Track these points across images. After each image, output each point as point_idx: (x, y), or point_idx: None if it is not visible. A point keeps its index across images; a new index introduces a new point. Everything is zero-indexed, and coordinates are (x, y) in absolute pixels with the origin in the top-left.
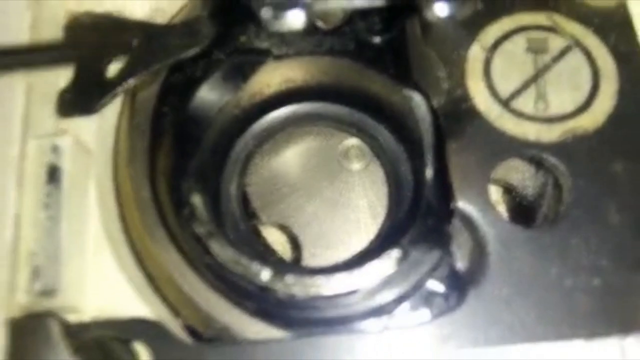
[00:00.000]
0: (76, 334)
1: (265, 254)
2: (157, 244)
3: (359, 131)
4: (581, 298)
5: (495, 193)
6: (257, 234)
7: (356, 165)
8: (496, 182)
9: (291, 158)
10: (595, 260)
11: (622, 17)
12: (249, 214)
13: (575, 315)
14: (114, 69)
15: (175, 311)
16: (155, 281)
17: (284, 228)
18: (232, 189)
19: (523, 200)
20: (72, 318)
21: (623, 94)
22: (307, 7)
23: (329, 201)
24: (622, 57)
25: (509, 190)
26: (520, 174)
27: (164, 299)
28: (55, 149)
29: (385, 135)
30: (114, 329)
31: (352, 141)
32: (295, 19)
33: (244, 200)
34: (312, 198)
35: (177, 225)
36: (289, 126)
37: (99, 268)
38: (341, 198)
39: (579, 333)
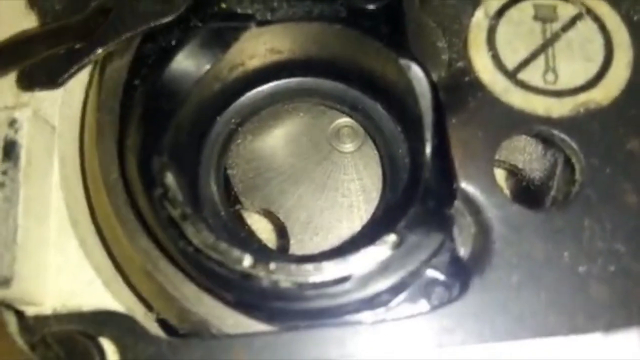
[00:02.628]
0: (34, 328)
1: (248, 242)
2: (127, 229)
3: (352, 109)
4: (597, 286)
5: (497, 176)
6: (240, 221)
7: (348, 146)
8: (500, 164)
9: (277, 138)
10: (611, 244)
11: None
12: (231, 199)
13: (591, 305)
14: None
15: (147, 304)
16: (125, 271)
17: (269, 214)
18: (212, 171)
19: (530, 184)
20: (31, 311)
21: (638, 65)
22: None
23: (318, 185)
24: (636, 26)
25: (513, 174)
26: (526, 155)
27: (135, 290)
28: (12, 123)
29: (380, 113)
30: (77, 323)
31: (345, 120)
32: None
33: (226, 184)
34: (299, 181)
35: (148, 208)
36: (275, 103)
37: (62, 256)
38: (331, 181)
39: (595, 325)
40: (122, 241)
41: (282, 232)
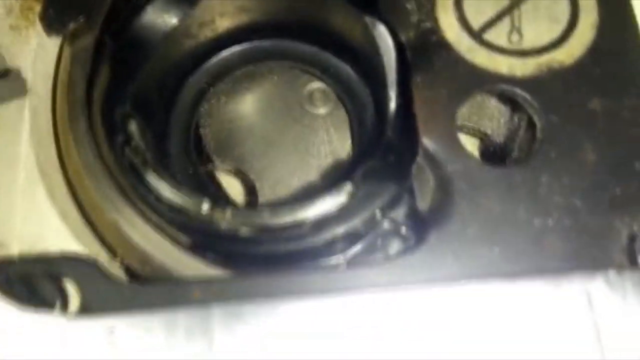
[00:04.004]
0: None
1: (215, 196)
2: (92, 177)
3: (324, 72)
4: (551, 238)
5: (471, 146)
6: (212, 180)
7: (320, 110)
8: (471, 132)
9: (250, 100)
10: (568, 199)
11: None
12: (203, 158)
13: (543, 255)
14: None
15: (112, 250)
16: (91, 218)
17: (240, 173)
18: (182, 128)
19: (496, 148)
20: None
21: (603, 27)
22: None
23: (290, 146)
24: None
25: (483, 141)
26: (494, 121)
27: (101, 237)
28: None
29: (350, 75)
30: (41, 264)
31: (317, 84)
32: None
33: (198, 143)
34: (271, 143)
35: (112, 156)
36: (247, 64)
37: (29, 202)
38: (302, 143)
39: (544, 271)
40: (90, 191)
41: (251, 191)
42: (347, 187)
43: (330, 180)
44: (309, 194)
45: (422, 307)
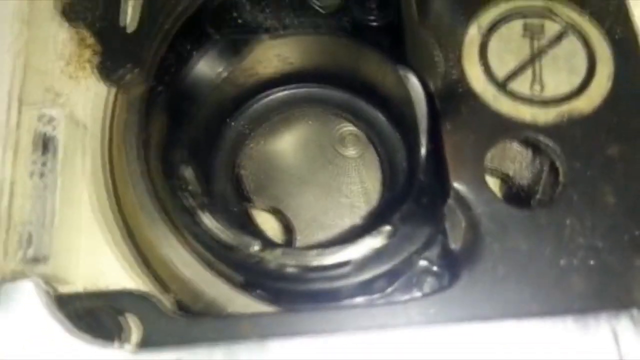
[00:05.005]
0: (67, 302)
1: (257, 235)
2: (148, 217)
3: (356, 117)
4: (575, 277)
5: (492, 185)
6: (249, 219)
7: (352, 152)
8: (493, 172)
9: (287, 142)
10: (591, 241)
11: (618, 3)
12: (242, 197)
13: (569, 293)
14: None
15: (164, 286)
16: (145, 256)
17: (277, 212)
18: (224, 169)
19: (520, 190)
20: (63, 289)
21: (618, 78)
22: None
23: (323, 186)
24: (617, 42)
25: (505, 182)
26: (517, 163)
27: (154, 274)
28: (50, 121)
29: (381, 120)
30: (105, 299)
31: (349, 128)
32: None
33: (238, 183)
34: (306, 183)
35: (168, 198)
36: (285, 110)
37: (90, 241)
38: (335, 183)
39: (571, 309)
40: (145, 230)
41: (288, 229)
42: (386, 229)
43: (363, 219)
44: (342, 231)
45: (455, 344)
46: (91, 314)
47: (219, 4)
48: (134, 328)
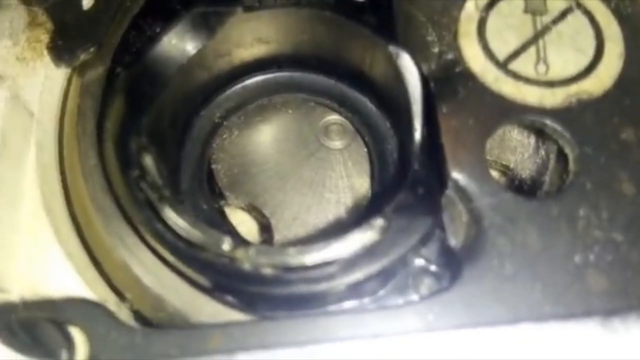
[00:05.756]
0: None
1: (230, 233)
2: (101, 213)
3: (341, 105)
4: (594, 275)
5: None
6: (222, 217)
7: (337, 143)
8: (492, 165)
9: (264, 134)
10: (609, 233)
11: None
12: (214, 194)
13: (588, 292)
14: None
15: (119, 295)
16: (99, 260)
17: (253, 209)
18: (193, 163)
19: (522, 183)
20: None
21: (630, 57)
22: None
23: (306, 181)
24: (626, 18)
25: (505, 175)
26: (518, 154)
27: (108, 280)
28: None
29: (369, 108)
30: (45, 310)
31: (334, 117)
32: None
33: (209, 178)
34: (286, 177)
35: (125, 192)
36: (261, 97)
37: (33, 242)
38: (319, 177)
39: (594, 312)
40: (98, 228)
41: (266, 228)
42: (379, 222)
43: (350, 215)
44: (327, 230)
45: (458, 352)
46: (28, 327)
47: None
48: (80, 343)
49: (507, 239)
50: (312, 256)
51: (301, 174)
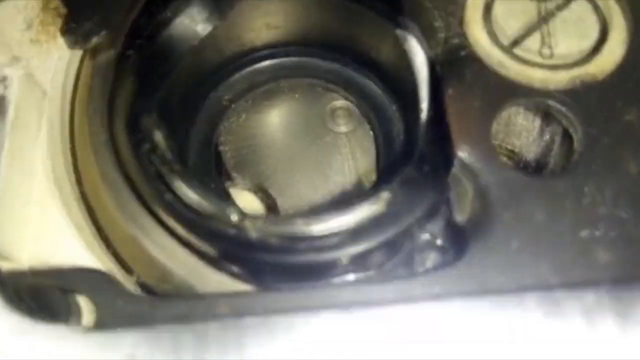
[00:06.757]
0: (7, 281)
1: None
2: (111, 188)
3: (347, 88)
4: (600, 250)
5: None
6: (230, 197)
7: (343, 127)
8: (497, 149)
9: (272, 117)
10: (614, 210)
11: None
12: (221, 174)
13: (595, 266)
14: None
15: (126, 267)
16: (107, 234)
17: (260, 191)
18: (201, 144)
19: (527, 166)
20: (6, 266)
21: (633, 43)
22: None
23: (312, 164)
24: (628, 6)
25: (511, 159)
26: (523, 138)
27: (115, 253)
28: (3, 79)
29: (376, 92)
30: (52, 277)
31: (340, 102)
32: None
33: (217, 159)
34: (293, 160)
35: (135, 167)
36: (270, 80)
37: (43, 215)
38: (325, 160)
39: (601, 281)
40: (107, 203)
41: (272, 209)
42: (385, 194)
43: (356, 196)
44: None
45: (464, 321)
46: (35, 293)
47: None
48: (86, 310)
49: (513, 214)
50: (319, 226)
51: (308, 157)
